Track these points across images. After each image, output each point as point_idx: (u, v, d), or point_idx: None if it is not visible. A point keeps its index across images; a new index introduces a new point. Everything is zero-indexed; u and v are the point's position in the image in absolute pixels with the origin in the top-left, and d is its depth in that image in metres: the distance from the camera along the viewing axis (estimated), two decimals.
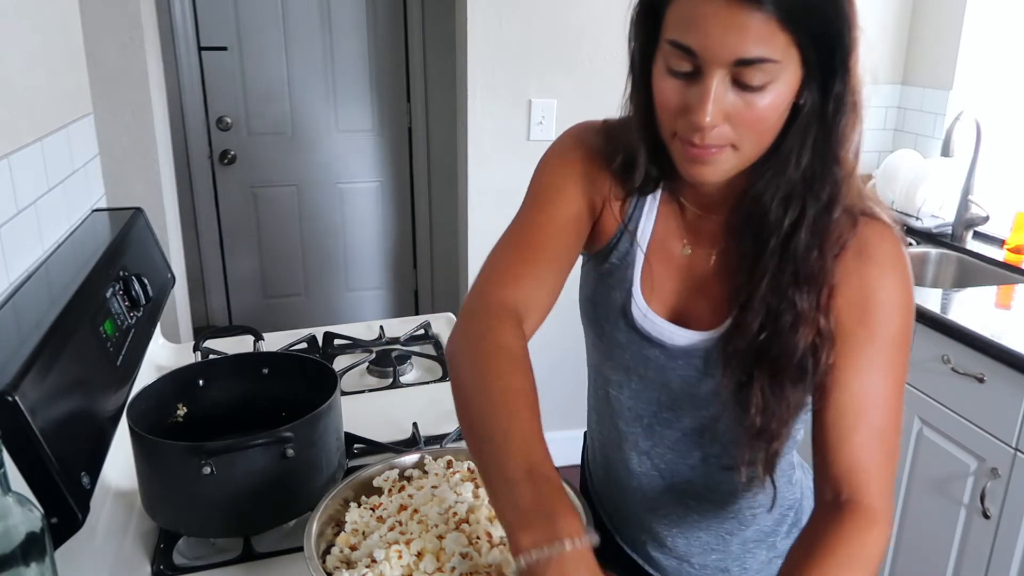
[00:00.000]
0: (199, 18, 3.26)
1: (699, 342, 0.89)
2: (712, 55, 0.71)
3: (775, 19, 0.68)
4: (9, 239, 1.09)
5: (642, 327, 0.91)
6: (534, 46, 2.44)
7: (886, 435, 0.80)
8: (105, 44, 2.05)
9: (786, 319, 0.79)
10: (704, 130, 0.74)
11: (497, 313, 0.85)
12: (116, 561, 0.99)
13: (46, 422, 0.85)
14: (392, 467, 0.98)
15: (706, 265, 0.90)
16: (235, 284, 3.67)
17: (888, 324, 0.81)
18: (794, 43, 0.70)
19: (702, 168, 0.78)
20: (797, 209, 0.78)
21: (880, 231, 0.82)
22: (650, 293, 0.91)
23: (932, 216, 2.42)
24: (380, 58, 3.47)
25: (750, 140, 0.76)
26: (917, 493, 1.91)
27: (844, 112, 0.75)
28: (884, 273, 0.81)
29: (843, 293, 0.80)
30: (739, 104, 0.73)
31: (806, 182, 0.77)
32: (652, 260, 0.91)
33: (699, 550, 1.02)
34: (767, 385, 0.81)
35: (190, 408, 1.12)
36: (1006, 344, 1.63)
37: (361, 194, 3.65)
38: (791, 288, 0.79)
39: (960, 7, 2.47)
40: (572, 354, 1.37)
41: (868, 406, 0.80)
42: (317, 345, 1.58)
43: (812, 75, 0.73)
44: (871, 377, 0.80)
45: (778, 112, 0.74)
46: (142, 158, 2.18)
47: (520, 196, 0.96)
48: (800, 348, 0.79)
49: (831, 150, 0.76)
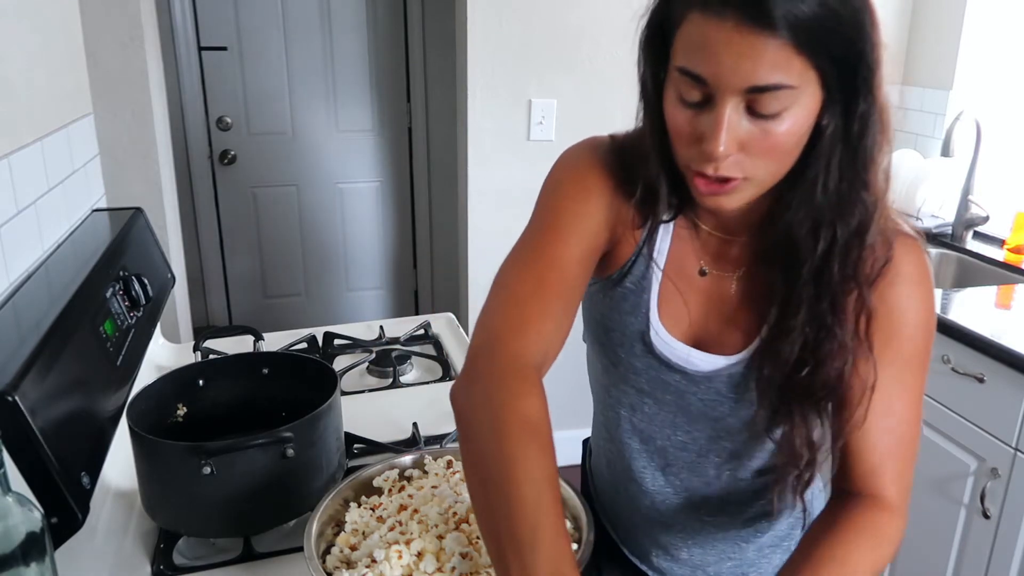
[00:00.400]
0: (199, 18, 3.26)
1: (723, 368, 0.87)
2: (724, 83, 0.67)
3: (790, 44, 0.65)
4: (9, 239, 1.09)
5: (661, 353, 0.89)
6: (534, 46, 2.44)
7: (905, 445, 0.81)
8: (105, 44, 2.05)
9: (826, 348, 0.77)
10: (718, 160, 0.71)
11: (517, 373, 0.76)
12: (116, 561, 0.99)
13: (46, 422, 0.85)
14: (392, 467, 0.98)
15: (727, 289, 0.87)
16: (235, 284, 3.67)
17: (913, 342, 0.81)
18: (812, 66, 0.67)
19: (716, 199, 0.75)
20: (828, 236, 0.75)
21: (908, 247, 0.80)
22: (668, 317, 0.88)
23: (932, 216, 2.42)
24: (380, 58, 3.47)
25: (767, 168, 0.73)
26: (917, 493, 1.90)
27: (870, 133, 0.72)
28: (912, 291, 0.80)
29: (877, 312, 0.79)
30: (755, 132, 0.70)
31: (834, 208, 0.74)
32: (669, 284, 0.88)
33: (715, 559, 1.01)
34: (807, 414, 0.80)
35: (190, 408, 1.12)
36: (1006, 344, 1.63)
37: (361, 194, 3.65)
38: (830, 317, 0.77)
39: (960, 7, 2.47)
40: (572, 354, 1.38)
41: (891, 421, 0.80)
42: (317, 345, 1.58)
43: (834, 96, 0.70)
44: (894, 395, 0.80)
45: (796, 138, 0.71)
46: (142, 158, 2.18)
47: (520, 196, 0.95)
48: (841, 377, 0.78)
49: (858, 173, 0.73)
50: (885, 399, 0.79)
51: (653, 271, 0.88)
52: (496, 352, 0.78)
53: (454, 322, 1.70)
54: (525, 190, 0.96)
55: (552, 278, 0.83)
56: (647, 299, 0.88)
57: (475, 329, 0.82)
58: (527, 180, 2.81)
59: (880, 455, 0.80)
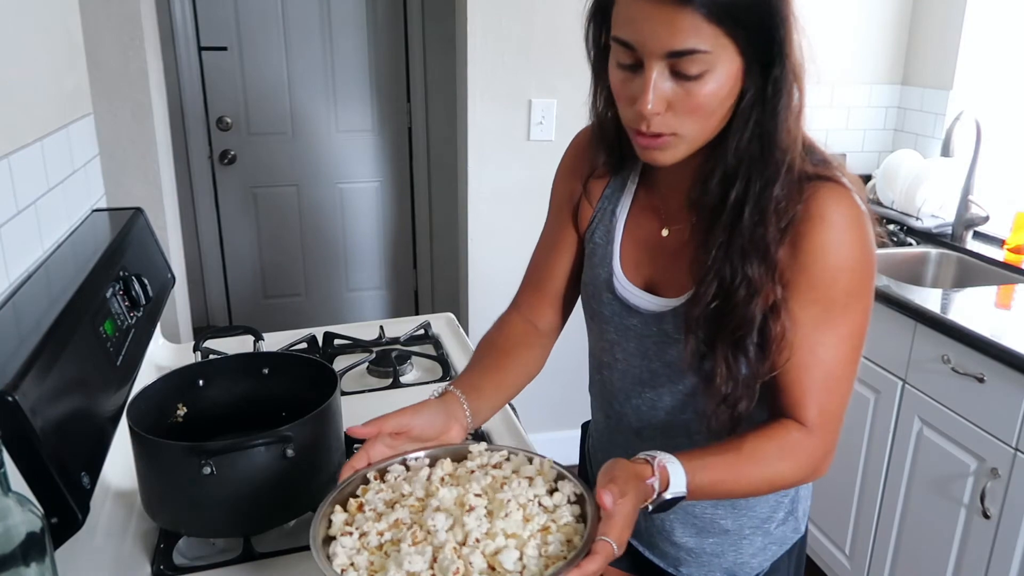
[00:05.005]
0: (199, 18, 3.26)
1: (667, 308, 0.94)
2: (647, 48, 0.77)
3: (700, 14, 0.74)
4: (9, 239, 1.09)
5: (622, 297, 0.99)
6: (534, 46, 2.44)
7: (833, 381, 0.87)
8: (105, 44, 2.05)
9: (740, 290, 0.83)
10: (647, 118, 0.80)
11: (504, 318, 1.09)
12: (116, 561, 0.99)
13: (46, 422, 0.85)
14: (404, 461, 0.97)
15: (679, 239, 0.94)
16: (235, 284, 3.67)
17: (837, 282, 0.84)
18: (725, 34, 0.75)
19: (653, 153, 0.84)
20: (741, 187, 0.83)
21: (834, 193, 0.84)
22: (628, 266, 0.99)
23: (932, 216, 2.42)
24: (380, 58, 3.47)
25: (693, 126, 0.81)
26: (917, 493, 1.91)
27: (783, 94, 0.79)
28: (833, 235, 0.83)
29: (795, 256, 0.84)
30: (680, 92, 0.79)
31: (743, 161, 0.82)
32: (631, 236, 0.99)
33: (694, 534, 1.05)
34: (730, 354, 0.86)
35: (190, 408, 1.12)
36: (1006, 344, 1.63)
37: (361, 194, 3.65)
38: (741, 260, 0.83)
39: (960, 7, 2.47)
40: (572, 354, 1.38)
41: (814, 359, 0.86)
42: (317, 345, 1.58)
43: (752, 63, 0.78)
44: (816, 333, 0.86)
45: (718, 98, 0.79)
46: (142, 158, 2.18)
47: (520, 196, 0.99)
48: (757, 317, 0.84)
49: (768, 131, 0.81)
50: (809, 338, 0.85)
51: (616, 225, 1.00)
52: (508, 312, 1.11)
53: (454, 322, 1.70)
54: (525, 190, 0.99)
55: (538, 259, 1.11)
56: (611, 249, 1.00)
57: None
58: (527, 180, 2.81)
59: (802, 389, 0.87)
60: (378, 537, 0.83)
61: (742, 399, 0.87)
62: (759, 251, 0.83)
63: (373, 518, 0.86)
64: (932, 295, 1.98)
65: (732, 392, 0.87)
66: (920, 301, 1.88)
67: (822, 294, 0.84)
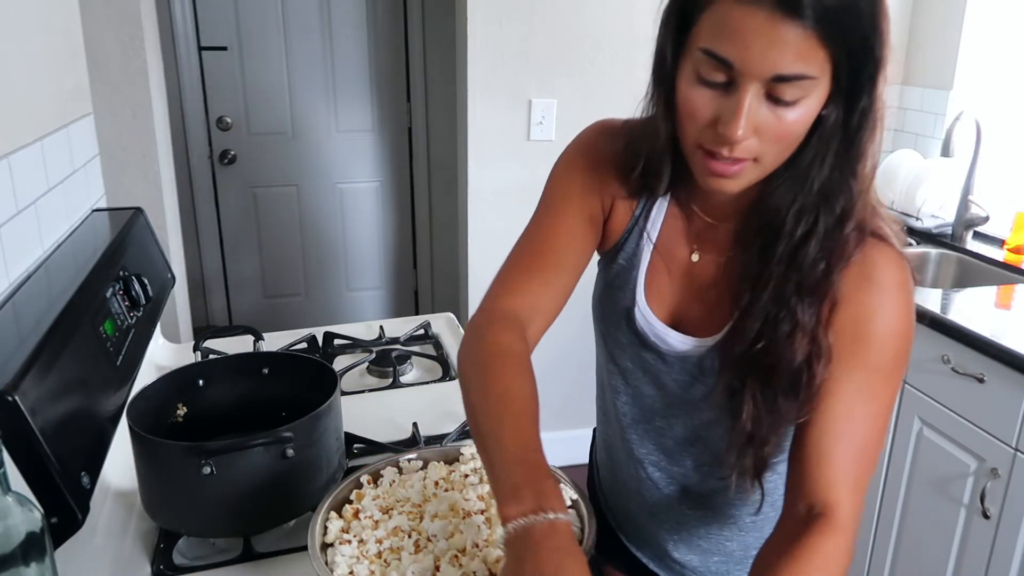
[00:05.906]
0: (199, 18, 3.26)
1: (695, 348, 0.89)
2: (750, 69, 0.69)
3: (815, 35, 0.67)
4: (9, 239, 1.09)
5: (641, 329, 0.92)
6: (534, 46, 2.44)
7: (864, 455, 0.80)
8: (105, 44, 2.05)
9: (784, 328, 0.78)
10: (735, 143, 0.72)
11: (499, 319, 0.88)
12: (116, 561, 0.99)
13: (46, 422, 0.85)
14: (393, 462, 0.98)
15: (711, 273, 0.89)
16: (235, 284, 3.67)
17: (881, 352, 0.80)
18: (830, 58, 0.69)
19: (722, 181, 0.77)
20: (810, 220, 0.77)
21: (888, 256, 0.80)
22: (653, 296, 0.91)
23: (932, 216, 2.42)
24: (380, 58, 3.47)
25: (774, 153, 0.75)
26: (917, 493, 1.91)
27: (867, 127, 0.74)
28: (885, 300, 0.79)
29: (842, 313, 0.79)
30: (770, 118, 0.72)
31: (822, 194, 0.76)
32: (658, 263, 0.91)
33: (700, 554, 1.03)
34: (759, 393, 0.81)
35: (190, 408, 1.12)
36: (1006, 344, 1.63)
37: (361, 194, 3.65)
38: (793, 297, 0.78)
39: (960, 7, 2.47)
40: (572, 354, 1.38)
41: (850, 429, 0.79)
42: (317, 345, 1.58)
43: (840, 88, 0.72)
44: (857, 401, 0.79)
45: (805, 126, 0.73)
46: (142, 158, 2.18)
47: (520, 196, 0.97)
48: (796, 359, 0.78)
49: (850, 164, 0.75)
50: (847, 404, 0.79)
51: (644, 249, 0.91)
52: (482, 314, 0.90)
53: (454, 322, 1.70)
54: (525, 190, 0.97)
55: (535, 248, 0.92)
56: (636, 276, 0.92)
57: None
58: (527, 180, 2.81)
59: (838, 462, 0.78)
60: (377, 545, 0.83)
61: (768, 441, 0.82)
62: (815, 291, 0.78)
63: (371, 525, 0.86)
64: (932, 295, 1.98)
65: (756, 432, 0.82)
66: (920, 301, 1.88)
67: (867, 360, 0.79)
